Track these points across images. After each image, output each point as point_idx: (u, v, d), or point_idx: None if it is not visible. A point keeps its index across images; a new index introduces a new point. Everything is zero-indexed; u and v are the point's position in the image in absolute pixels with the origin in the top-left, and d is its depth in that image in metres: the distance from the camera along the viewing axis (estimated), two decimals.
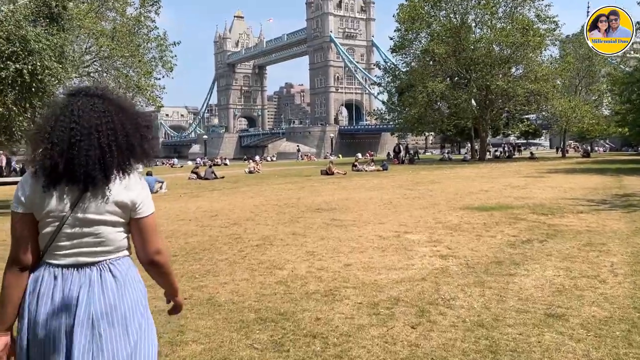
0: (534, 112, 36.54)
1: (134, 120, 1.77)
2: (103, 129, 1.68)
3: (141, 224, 1.76)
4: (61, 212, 1.66)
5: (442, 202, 11.53)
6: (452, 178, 19.68)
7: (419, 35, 37.67)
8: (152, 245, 1.77)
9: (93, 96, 1.73)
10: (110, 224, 1.71)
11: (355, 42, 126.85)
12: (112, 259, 1.73)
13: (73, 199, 1.66)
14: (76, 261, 1.68)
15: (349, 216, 9.57)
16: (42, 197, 1.66)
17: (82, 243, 1.68)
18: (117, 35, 29.04)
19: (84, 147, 1.64)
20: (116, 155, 1.69)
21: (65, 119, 1.67)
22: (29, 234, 1.69)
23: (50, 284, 1.66)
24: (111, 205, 1.69)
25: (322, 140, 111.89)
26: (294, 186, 17.82)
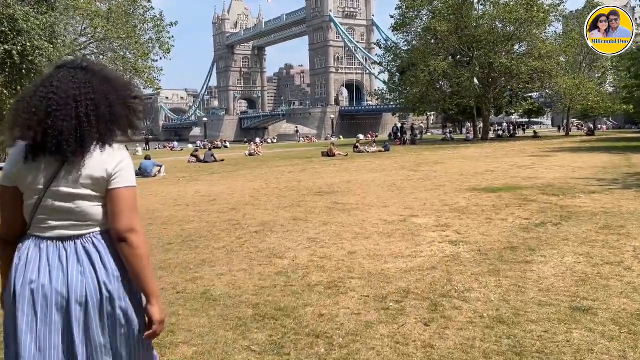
0: (537, 90, 35.90)
1: (120, 91, 1.72)
2: (82, 99, 1.63)
3: (114, 195, 1.67)
4: (39, 185, 1.64)
5: (448, 184, 11.17)
6: (455, 158, 19.29)
7: (420, 13, 36.89)
8: (124, 221, 1.66)
9: (76, 68, 1.69)
10: (87, 197, 1.66)
11: (355, 22, 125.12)
12: (94, 233, 1.69)
13: (51, 171, 1.63)
14: (59, 234, 1.66)
15: (352, 199, 9.22)
16: (24, 170, 1.64)
17: (61, 217, 1.66)
18: (112, 16, 28.47)
19: (60, 117, 1.60)
20: (95, 126, 1.64)
21: (44, 90, 1.63)
22: (13, 206, 1.69)
23: (35, 254, 1.65)
24: (86, 178, 1.64)
25: (322, 121, 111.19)
26: (295, 169, 17.46)
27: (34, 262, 1.64)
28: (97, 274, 1.65)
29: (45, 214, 1.66)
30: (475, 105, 39.04)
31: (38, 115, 1.60)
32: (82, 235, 1.67)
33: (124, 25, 28.28)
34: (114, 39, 28.25)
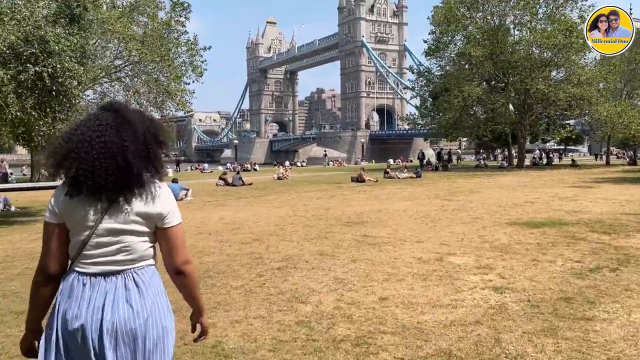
0: (576, 117, 34.69)
1: (153, 130, 1.83)
2: (124, 144, 1.73)
3: (168, 233, 1.81)
4: (90, 222, 1.73)
5: (485, 216, 10.49)
6: (491, 187, 18.49)
7: (454, 37, 36.35)
8: (180, 255, 1.83)
9: (115, 111, 1.80)
10: (136, 233, 1.76)
11: (387, 47, 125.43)
12: (136, 268, 1.77)
13: (101, 209, 1.73)
14: (103, 270, 1.74)
15: (383, 232, 8.65)
16: (73, 208, 1.73)
17: (109, 252, 1.74)
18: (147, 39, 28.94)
19: (105, 160, 1.70)
20: (137, 168, 1.74)
21: (88, 133, 1.73)
22: (59, 243, 1.76)
23: (79, 290, 1.71)
24: (136, 216, 1.74)
25: (352, 145, 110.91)
26: (323, 195, 16.98)
27: (76, 299, 1.70)
28: (133, 310, 1.71)
29: (92, 250, 1.74)
30: (511, 132, 38.04)
31: (83, 159, 1.71)
32: (124, 271, 1.76)
33: (158, 49, 28.66)
34: (148, 62, 28.66)
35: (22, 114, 9.98)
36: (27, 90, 9.42)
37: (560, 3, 34.31)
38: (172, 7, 29.91)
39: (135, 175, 1.74)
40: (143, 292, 1.76)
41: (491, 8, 34.26)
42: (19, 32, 9.21)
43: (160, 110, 31.34)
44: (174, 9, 29.93)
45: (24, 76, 9.05)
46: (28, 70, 9.04)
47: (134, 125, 1.79)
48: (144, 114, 1.93)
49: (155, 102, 31.07)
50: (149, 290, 1.78)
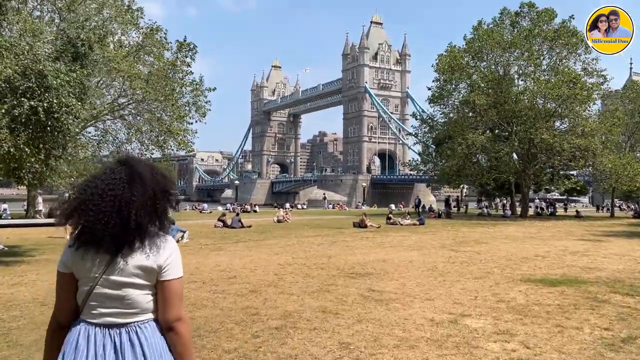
0: (580, 168, 34.42)
1: (161, 184, 1.87)
2: (132, 198, 1.77)
3: (165, 287, 1.80)
4: (94, 274, 1.78)
5: (496, 270, 9.92)
6: (498, 238, 17.91)
7: (458, 85, 36.53)
8: (173, 311, 1.80)
9: (128, 166, 1.85)
10: (137, 286, 1.78)
11: (389, 93, 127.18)
12: (139, 322, 1.79)
13: (105, 261, 1.77)
14: (106, 321, 1.77)
15: (390, 286, 8.08)
16: (79, 258, 1.79)
17: (111, 304, 1.77)
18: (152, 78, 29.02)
19: (111, 213, 1.75)
20: (143, 220, 1.78)
21: (101, 186, 1.79)
22: (68, 292, 1.83)
23: (84, 341, 1.75)
24: (138, 269, 1.77)
25: (353, 189, 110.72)
26: (325, 240, 16.41)
27: (82, 351, 1.73)
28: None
29: (97, 300, 1.77)
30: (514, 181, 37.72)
31: (88, 213, 1.75)
32: (128, 324, 1.76)
33: (162, 88, 28.69)
34: (151, 101, 28.61)
35: (14, 150, 9.57)
36: (21, 125, 9.02)
37: (564, 55, 34.62)
38: (179, 48, 30.14)
39: (136, 229, 1.77)
40: (145, 349, 1.75)
41: (495, 58, 34.52)
42: (17, 65, 8.90)
43: (162, 149, 31.21)
44: (180, 50, 30.23)
45: (18, 110, 8.67)
46: (23, 105, 8.67)
47: (144, 180, 1.82)
48: (156, 168, 1.94)
49: (157, 140, 30.94)
50: (151, 347, 1.77)
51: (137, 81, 27.48)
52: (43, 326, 5.80)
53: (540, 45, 34.51)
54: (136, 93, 28.72)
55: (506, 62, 34.54)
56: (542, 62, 34.19)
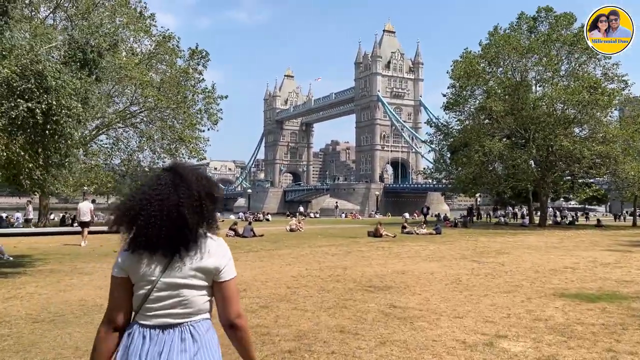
0: (601, 175, 33.43)
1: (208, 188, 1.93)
2: (180, 200, 1.83)
3: (223, 287, 1.87)
4: (151, 277, 1.82)
5: (525, 284, 9.21)
6: (519, 248, 17.12)
7: (474, 92, 35.79)
8: (234, 308, 1.88)
9: (173, 172, 1.92)
10: (194, 287, 1.83)
11: (402, 102, 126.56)
12: (193, 321, 1.84)
13: (162, 265, 1.82)
14: (162, 322, 1.81)
15: (412, 301, 7.42)
16: (135, 262, 1.83)
17: (168, 305, 1.81)
18: (164, 86, 28.72)
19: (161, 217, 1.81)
20: (192, 224, 1.83)
21: (149, 192, 1.86)
22: (123, 296, 1.86)
23: (139, 342, 1.79)
24: (195, 270, 1.83)
25: (366, 197, 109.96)
26: (339, 250, 15.76)
27: (135, 353, 1.78)
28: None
29: (153, 303, 1.82)
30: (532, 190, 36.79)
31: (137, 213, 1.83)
32: (182, 324, 1.82)
33: (174, 96, 28.37)
34: (163, 108, 28.30)
35: (10, 154, 9.10)
36: (18, 128, 8.54)
37: (583, 60, 33.78)
38: (191, 55, 29.90)
39: (189, 230, 1.82)
40: (198, 345, 1.80)
41: (512, 63, 33.78)
42: (15, 65, 8.44)
43: (174, 158, 30.86)
44: (193, 57, 29.96)
45: (14, 112, 8.19)
46: (19, 106, 8.19)
47: (189, 184, 1.88)
48: (200, 173, 1.98)
49: (168, 149, 30.62)
50: (203, 342, 1.82)
51: (149, 89, 27.21)
52: (30, 348, 5.27)
53: (559, 51, 33.72)
54: (148, 101, 28.45)
55: (523, 68, 33.80)
56: (560, 67, 33.38)
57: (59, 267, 11.17)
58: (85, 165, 26.28)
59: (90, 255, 13.85)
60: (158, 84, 28.99)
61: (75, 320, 6.09)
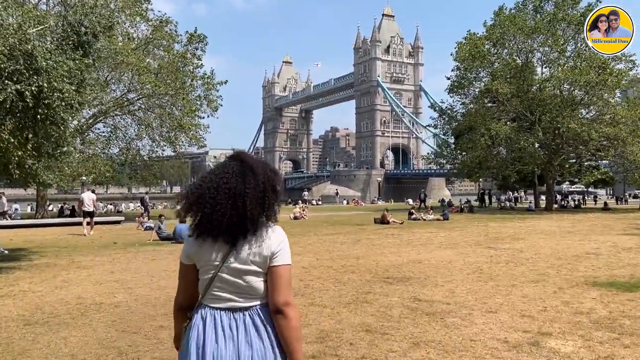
0: (609, 158, 32.82)
1: (271, 179, 1.97)
2: (246, 190, 1.88)
3: (274, 272, 1.89)
4: (215, 262, 1.89)
5: (551, 272, 8.66)
6: (532, 233, 16.58)
7: (479, 74, 35.02)
8: (282, 295, 1.87)
9: (240, 161, 1.98)
10: (254, 273, 1.89)
11: (402, 87, 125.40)
12: (258, 306, 1.89)
13: (225, 250, 1.88)
14: (230, 306, 1.89)
15: (437, 293, 6.87)
16: (199, 249, 1.92)
17: (233, 290, 1.88)
18: (161, 72, 27.91)
19: (227, 205, 1.86)
20: (257, 212, 1.89)
21: (216, 180, 1.92)
22: (190, 281, 1.98)
23: (211, 322, 1.87)
24: (253, 257, 1.88)
25: (367, 184, 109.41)
26: (347, 238, 15.22)
27: (211, 331, 1.85)
28: (263, 345, 1.84)
29: (219, 286, 1.90)
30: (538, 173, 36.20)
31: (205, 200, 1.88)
32: (249, 308, 1.89)
33: (173, 82, 27.65)
34: (162, 95, 27.58)
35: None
36: (6, 112, 7.91)
37: None
38: (189, 40, 29.11)
39: (250, 220, 1.87)
40: (268, 329, 1.86)
41: (518, 44, 32.98)
42: (2, 45, 7.79)
43: (173, 145, 30.18)
44: (191, 42, 29.15)
45: (2, 95, 7.55)
46: (7, 88, 7.55)
47: (256, 174, 1.93)
48: (267, 164, 2.04)
49: (168, 136, 29.93)
50: (269, 327, 1.87)
51: (146, 75, 26.48)
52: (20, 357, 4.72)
53: (565, 31, 32.90)
54: (145, 87, 27.73)
55: (529, 49, 33.00)
56: (566, 48, 32.58)
57: (56, 261, 10.61)
58: (82, 155, 25.67)
59: (88, 248, 13.30)
60: (156, 70, 28.25)
61: (72, 321, 5.54)
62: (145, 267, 9.77)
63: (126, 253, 12.08)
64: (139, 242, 15.00)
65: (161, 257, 11.18)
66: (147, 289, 7.39)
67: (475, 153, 33.34)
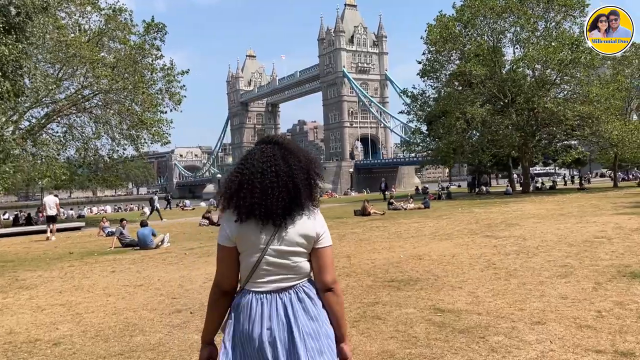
0: (585, 137, 32.46)
1: (312, 162, 1.93)
2: (294, 172, 1.85)
3: (322, 253, 1.89)
4: (261, 245, 1.83)
5: (573, 262, 7.59)
6: (523, 218, 15.67)
7: (451, 57, 34.15)
8: (330, 274, 1.89)
9: (277, 144, 1.92)
10: (300, 254, 1.86)
11: (368, 77, 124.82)
12: (303, 282, 1.88)
13: (270, 233, 1.82)
14: (275, 287, 1.84)
15: (458, 299, 5.67)
16: (243, 232, 1.83)
17: (279, 271, 1.84)
18: (118, 65, 25.90)
19: (278, 187, 1.82)
20: (300, 195, 1.84)
21: (258, 165, 1.86)
22: (231, 263, 1.88)
23: (257, 304, 1.82)
24: (300, 238, 1.84)
25: (338, 175, 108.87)
26: (330, 233, 13.93)
27: (258, 315, 1.80)
28: (312, 321, 1.82)
29: (264, 270, 1.84)
30: (512, 156, 35.72)
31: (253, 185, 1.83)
32: (294, 287, 1.86)
33: (131, 75, 25.78)
34: (120, 90, 25.66)
35: None
36: None
37: (559, 20, 32.55)
38: (146, 29, 27.15)
39: (301, 201, 1.83)
40: (315, 302, 1.86)
41: (490, 24, 32.21)
42: None
43: (135, 144, 28.19)
44: (148, 31, 27.20)
45: None
46: None
47: (298, 156, 1.89)
48: (300, 146, 2.00)
49: (129, 134, 27.96)
50: (318, 303, 1.87)
51: (102, 68, 24.52)
52: None
53: (534, 10, 32.32)
54: (101, 82, 25.73)
55: (501, 29, 32.28)
56: (538, 27, 32.00)
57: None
58: (34, 158, 23.61)
59: (39, 261, 11.66)
60: (112, 64, 26.28)
61: None
62: (103, 281, 8.29)
63: (82, 265, 10.52)
64: (98, 250, 13.42)
65: (122, 268, 9.68)
66: (101, 314, 5.95)
67: (451, 138, 32.52)
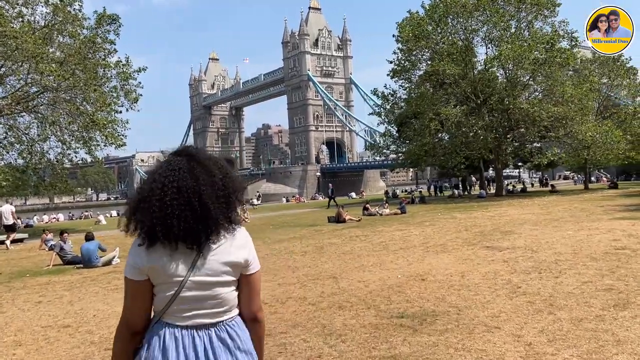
0: (559, 138, 31.84)
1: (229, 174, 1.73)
2: (201, 188, 1.63)
3: (251, 280, 1.73)
4: (176, 278, 1.61)
5: (616, 284, 6.20)
6: (515, 223, 14.38)
7: (423, 56, 33.01)
8: (257, 302, 1.75)
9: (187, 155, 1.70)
10: (226, 284, 1.67)
11: (333, 80, 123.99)
12: (227, 320, 1.69)
13: (188, 262, 1.62)
14: (195, 323, 1.64)
15: (506, 350, 4.09)
16: (156, 261, 1.62)
17: (200, 305, 1.64)
18: (68, 60, 23.50)
19: (179, 206, 1.60)
20: (208, 215, 1.62)
21: (160, 180, 1.64)
22: (143, 300, 1.66)
23: (171, 342, 1.61)
24: (224, 266, 1.65)
25: (303, 180, 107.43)
26: (307, 245, 12.30)
27: (171, 352, 1.58)
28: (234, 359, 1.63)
29: (184, 304, 1.62)
30: (483, 158, 34.88)
31: (151, 203, 1.61)
32: (217, 324, 1.66)
33: (82, 72, 23.50)
34: (69, 88, 23.33)
35: None
36: None
37: (530, 19, 31.91)
38: (98, 21, 24.81)
39: (214, 221, 1.63)
40: (239, 346, 1.66)
41: (462, 23, 31.24)
42: None
43: (87, 147, 25.73)
44: (100, 24, 24.89)
45: None
46: None
47: (211, 171, 1.68)
48: (219, 159, 1.78)
49: (80, 136, 25.50)
50: (243, 343, 1.68)
51: (45, 64, 22.18)
52: None
53: (506, 8, 31.57)
54: (48, 79, 23.38)
55: (473, 28, 31.37)
56: (510, 25, 31.24)
57: None
58: None
59: None
60: (60, 59, 23.94)
61: None
62: (19, 319, 6.38)
63: (4, 292, 8.53)
64: (33, 269, 11.36)
65: (51, 297, 7.76)
66: None
67: (424, 140, 31.33)
